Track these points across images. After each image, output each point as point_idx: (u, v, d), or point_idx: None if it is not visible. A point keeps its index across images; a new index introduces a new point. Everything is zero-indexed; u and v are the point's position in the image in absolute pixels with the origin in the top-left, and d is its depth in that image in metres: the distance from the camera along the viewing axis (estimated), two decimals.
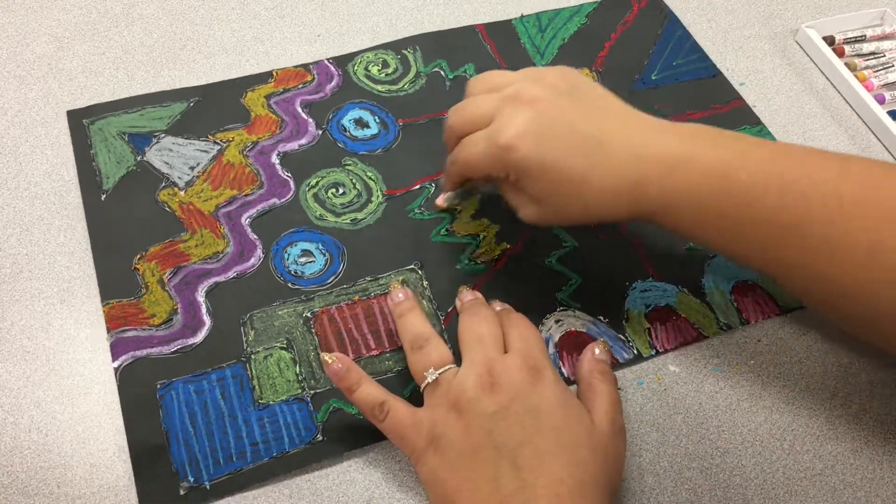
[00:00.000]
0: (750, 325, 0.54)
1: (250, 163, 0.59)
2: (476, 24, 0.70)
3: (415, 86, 0.65)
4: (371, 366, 0.50)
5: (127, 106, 0.62)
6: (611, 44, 0.70)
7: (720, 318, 0.53)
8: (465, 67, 0.67)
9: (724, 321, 0.53)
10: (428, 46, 0.68)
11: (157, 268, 0.53)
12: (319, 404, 0.49)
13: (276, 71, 0.65)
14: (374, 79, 0.65)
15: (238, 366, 0.50)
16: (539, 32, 0.70)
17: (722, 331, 0.53)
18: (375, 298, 0.53)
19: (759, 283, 0.55)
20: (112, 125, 0.60)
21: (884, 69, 0.68)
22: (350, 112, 0.63)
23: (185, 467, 0.46)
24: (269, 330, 0.51)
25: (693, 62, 0.69)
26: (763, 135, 0.64)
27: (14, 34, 0.66)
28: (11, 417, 0.47)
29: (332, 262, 0.55)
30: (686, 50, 0.69)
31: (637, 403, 0.50)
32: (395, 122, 0.63)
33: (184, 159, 0.59)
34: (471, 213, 0.58)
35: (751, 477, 0.48)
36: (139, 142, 0.59)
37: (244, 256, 0.54)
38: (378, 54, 0.67)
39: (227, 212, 0.56)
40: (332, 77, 0.65)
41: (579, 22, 0.71)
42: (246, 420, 0.48)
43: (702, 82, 0.67)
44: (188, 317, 0.51)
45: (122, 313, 0.51)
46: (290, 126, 0.62)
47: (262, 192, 0.58)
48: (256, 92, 0.63)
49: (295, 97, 0.63)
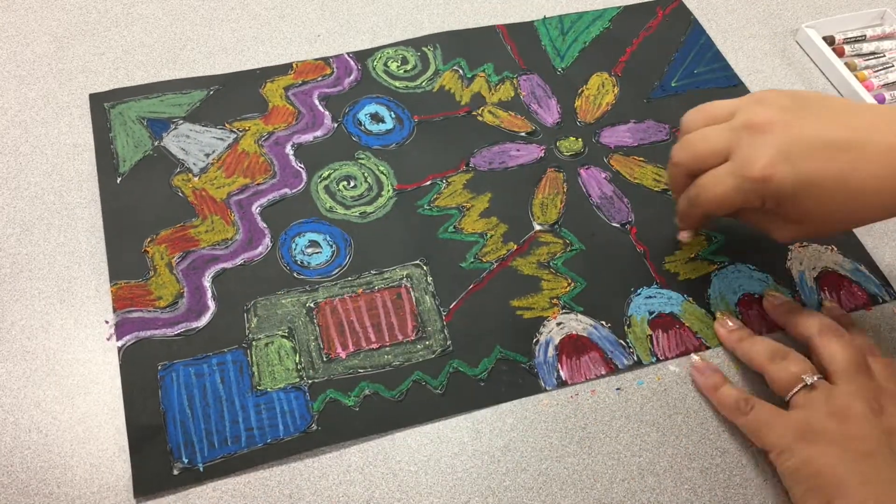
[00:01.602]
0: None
1: (265, 152, 0.60)
2: (497, 25, 0.70)
3: (433, 83, 0.65)
4: (370, 359, 0.50)
5: (148, 91, 0.63)
6: (632, 49, 0.69)
7: None
8: (485, 66, 0.67)
9: None
10: (448, 45, 0.68)
11: (166, 251, 0.54)
12: (316, 394, 0.49)
13: (295, 63, 0.66)
14: (393, 75, 0.66)
15: (239, 351, 0.50)
16: (561, 35, 0.70)
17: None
18: (379, 292, 0.53)
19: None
20: (132, 109, 0.61)
21: (884, 69, 0.67)
22: (366, 106, 0.63)
23: (181, 448, 0.46)
24: (272, 318, 0.52)
25: (714, 71, 0.68)
26: None
27: (14, 34, 0.67)
28: (11, 417, 0.48)
29: (338, 253, 0.55)
30: (708, 58, 0.69)
31: (637, 403, 0.50)
32: (410, 118, 0.63)
33: (200, 146, 0.60)
34: (480, 210, 0.58)
35: (751, 477, 0.47)
36: (157, 127, 0.60)
37: (252, 244, 0.55)
38: (398, 51, 0.67)
39: (239, 199, 0.57)
40: (350, 71, 0.66)
41: (602, 26, 0.71)
42: (243, 405, 0.48)
43: (721, 91, 0.66)
44: (193, 301, 0.52)
45: (129, 294, 0.52)
46: (307, 118, 0.62)
47: (275, 181, 0.58)
48: (276, 83, 0.64)
49: (313, 90, 0.64)
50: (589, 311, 0.53)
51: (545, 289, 0.54)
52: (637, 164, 0.61)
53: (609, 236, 0.57)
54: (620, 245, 0.57)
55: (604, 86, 0.66)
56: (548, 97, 0.65)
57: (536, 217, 0.58)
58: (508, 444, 0.48)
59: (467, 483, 0.46)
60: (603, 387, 0.50)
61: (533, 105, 0.64)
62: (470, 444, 0.48)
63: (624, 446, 0.48)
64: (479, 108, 0.64)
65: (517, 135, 0.62)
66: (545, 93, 0.65)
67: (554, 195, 0.59)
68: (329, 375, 0.50)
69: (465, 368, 0.50)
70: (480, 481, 0.47)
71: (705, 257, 0.56)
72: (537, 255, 0.56)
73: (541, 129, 0.63)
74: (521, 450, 0.48)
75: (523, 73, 0.67)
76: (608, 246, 0.57)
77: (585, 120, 0.64)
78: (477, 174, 0.60)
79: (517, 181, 0.60)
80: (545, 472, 0.47)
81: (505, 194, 0.59)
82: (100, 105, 0.61)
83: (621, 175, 0.60)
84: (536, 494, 0.46)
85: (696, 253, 0.56)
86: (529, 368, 0.51)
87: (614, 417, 0.49)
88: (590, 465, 0.47)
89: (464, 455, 0.47)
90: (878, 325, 0.54)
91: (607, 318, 0.53)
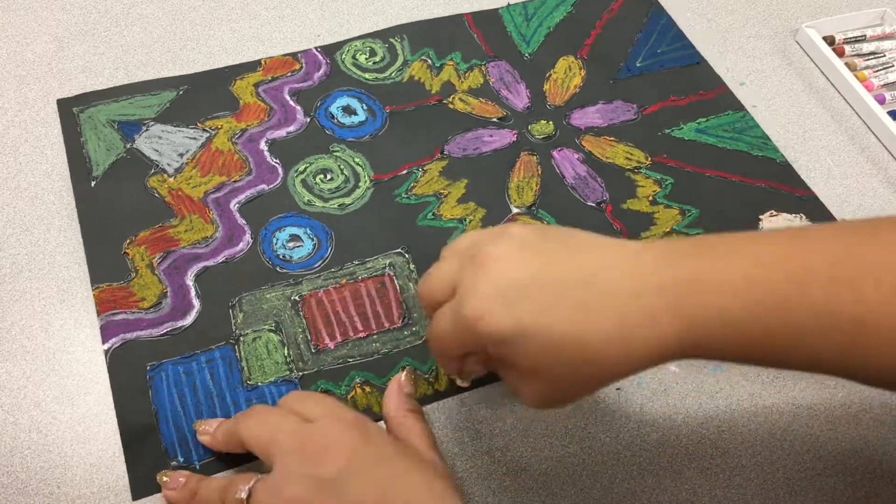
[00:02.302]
0: None
1: (239, 150, 0.60)
2: (463, 13, 0.71)
3: (402, 74, 0.66)
4: (358, 348, 0.51)
5: (116, 94, 0.62)
6: (596, 32, 0.70)
7: None
8: (452, 55, 0.67)
9: None
10: (415, 35, 0.68)
11: (146, 252, 0.54)
12: (307, 386, 0.49)
13: (264, 59, 0.66)
14: (362, 67, 0.66)
15: (227, 347, 0.50)
16: (525, 21, 0.71)
17: None
18: (363, 282, 0.54)
19: None
20: (102, 113, 0.61)
21: (884, 69, 0.69)
22: (338, 100, 0.64)
23: (175, 447, 0.46)
24: (258, 313, 0.52)
25: (677, 49, 0.69)
26: (746, 121, 0.65)
27: (14, 34, 0.66)
28: (11, 417, 0.48)
29: (320, 246, 0.55)
30: (670, 38, 0.70)
31: (637, 403, 0.50)
32: (382, 109, 0.63)
33: (173, 146, 0.59)
34: (457, 196, 0.58)
35: (751, 477, 0.48)
36: (129, 129, 0.60)
37: (233, 241, 0.55)
38: (366, 43, 0.68)
39: (216, 198, 0.57)
40: (319, 65, 0.66)
41: (565, 11, 0.72)
42: (234, 401, 0.48)
43: (686, 70, 0.68)
44: (177, 300, 0.52)
45: (112, 297, 0.52)
46: (279, 114, 0.62)
47: (251, 178, 0.58)
48: (245, 80, 0.64)
49: (283, 85, 0.64)
50: None
51: None
52: (608, 143, 0.62)
53: (585, 216, 0.58)
54: (597, 224, 0.58)
55: (570, 69, 0.67)
56: (517, 82, 0.66)
57: (513, 200, 0.59)
58: (508, 444, 0.48)
59: (467, 483, 0.47)
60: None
61: (503, 91, 0.65)
62: (470, 444, 0.48)
63: (624, 446, 0.49)
64: (450, 96, 0.65)
65: (489, 121, 0.63)
66: (514, 78, 0.66)
67: (529, 178, 0.60)
68: (319, 367, 0.50)
69: None
70: (480, 481, 0.47)
71: (680, 230, 0.58)
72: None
73: (512, 114, 0.64)
74: (521, 450, 0.48)
75: (491, 59, 0.67)
76: (585, 226, 0.57)
77: (555, 103, 0.65)
78: (452, 161, 0.60)
79: (492, 166, 0.60)
80: (545, 472, 0.47)
81: (481, 179, 0.60)
82: (68, 110, 0.61)
83: (593, 155, 0.62)
84: (536, 494, 0.46)
85: (671, 227, 0.58)
86: None
87: (614, 417, 0.50)
88: (590, 465, 0.48)
89: (464, 455, 0.48)
90: None
91: None
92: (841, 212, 0.60)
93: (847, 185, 0.62)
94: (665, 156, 0.62)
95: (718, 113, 0.65)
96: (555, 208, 0.58)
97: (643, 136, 0.63)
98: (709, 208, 0.59)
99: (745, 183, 0.61)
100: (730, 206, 0.59)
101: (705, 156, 0.62)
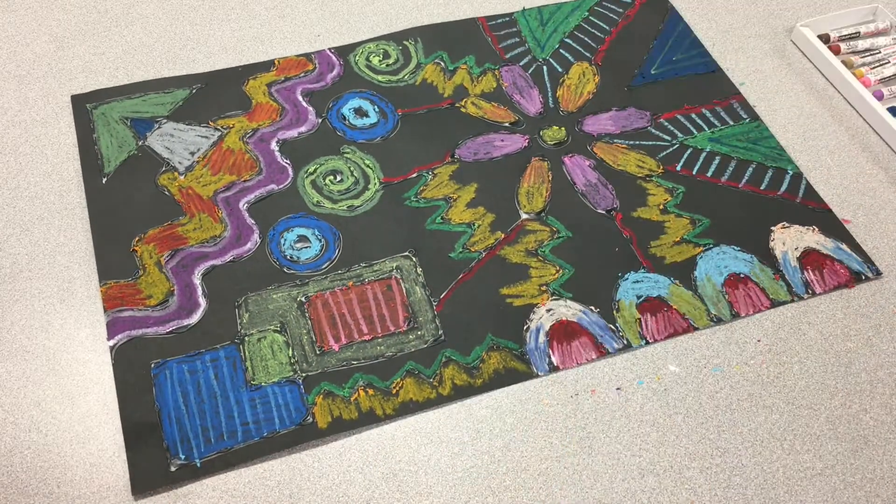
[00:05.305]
0: (741, 317, 0.54)
1: (250, 149, 0.60)
2: (478, 17, 0.70)
3: (415, 77, 0.66)
4: (363, 350, 0.51)
5: (130, 91, 0.62)
6: (611, 38, 0.70)
7: (711, 310, 0.54)
8: (466, 59, 0.67)
9: (715, 313, 0.54)
10: (429, 38, 0.68)
11: (154, 250, 0.54)
12: (311, 387, 0.49)
13: (278, 60, 0.66)
14: (375, 69, 0.66)
15: (232, 347, 0.50)
16: (540, 26, 0.70)
17: (713, 323, 0.53)
18: (369, 284, 0.54)
19: (750, 277, 0.55)
20: (115, 110, 0.61)
21: (879, 65, 0.68)
22: (350, 101, 0.64)
23: (177, 445, 0.46)
24: (264, 313, 0.52)
25: (693, 58, 0.69)
26: (760, 131, 0.64)
27: (14, 34, 0.67)
28: (11, 417, 0.48)
29: (327, 247, 0.55)
30: (686, 45, 0.70)
31: (637, 403, 0.50)
32: (394, 111, 0.63)
33: (184, 144, 0.60)
34: (466, 201, 0.58)
35: (751, 477, 0.48)
36: (141, 127, 0.60)
37: (241, 241, 0.55)
38: (380, 45, 0.68)
39: (226, 197, 0.57)
40: (333, 67, 0.66)
41: (581, 16, 0.71)
42: (238, 400, 0.48)
43: (701, 77, 0.67)
44: (184, 298, 0.52)
45: (120, 293, 0.52)
46: (291, 114, 0.62)
47: (261, 178, 0.58)
48: (258, 80, 0.64)
49: (296, 86, 0.64)
50: (578, 297, 0.54)
51: (534, 276, 0.55)
52: (620, 151, 0.62)
53: (595, 223, 0.58)
54: (606, 231, 0.57)
55: (584, 75, 0.67)
56: (530, 87, 0.66)
57: (523, 206, 0.58)
58: (508, 444, 0.48)
59: (467, 483, 0.47)
60: (603, 387, 0.51)
61: (515, 95, 0.65)
62: (470, 444, 0.48)
63: (624, 446, 0.48)
64: (462, 99, 0.64)
65: (501, 125, 0.63)
66: (527, 83, 0.66)
67: (539, 184, 0.60)
68: (323, 368, 0.50)
69: (457, 357, 0.51)
70: (480, 481, 0.47)
71: (690, 240, 0.57)
72: (525, 243, 0.56)
73: (524, 119, 0.63)
74: (521, 450, 0.48)
75: (504, 64, 0.67)
76: (594, 232, 0.57)
77: (568, 109, 0.64)
78: (462, 165, 0.60)
79: (502, 171, 0.60)
80: (545, 472, 0.47)
81: (491, 184, 0.59)
82: (82, 106, 0.61)
83: (605, 162, 0.61)
84: (536, 494, 0.46)
85: (681, 237, 0.57)
86: (521, 355, 0.51)
87: (614, 417, 0.49)
88: (590, 465, 0.48)
89: (464, 455, 0.48)
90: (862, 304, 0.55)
91: (596, 304, 0.54)
92: (841, 211, 0.60)
93: (847, 186, 0.61)
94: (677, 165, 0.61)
95: (734, 122, 0.64)
96: (564, 215, 0.58)
97: (655, 143, 0.63)
98: (720, 219, 0.58)
99: (758, 194, 0.60)
100: (741, 216, 0.58)
101: (718, 165, 0.62)
